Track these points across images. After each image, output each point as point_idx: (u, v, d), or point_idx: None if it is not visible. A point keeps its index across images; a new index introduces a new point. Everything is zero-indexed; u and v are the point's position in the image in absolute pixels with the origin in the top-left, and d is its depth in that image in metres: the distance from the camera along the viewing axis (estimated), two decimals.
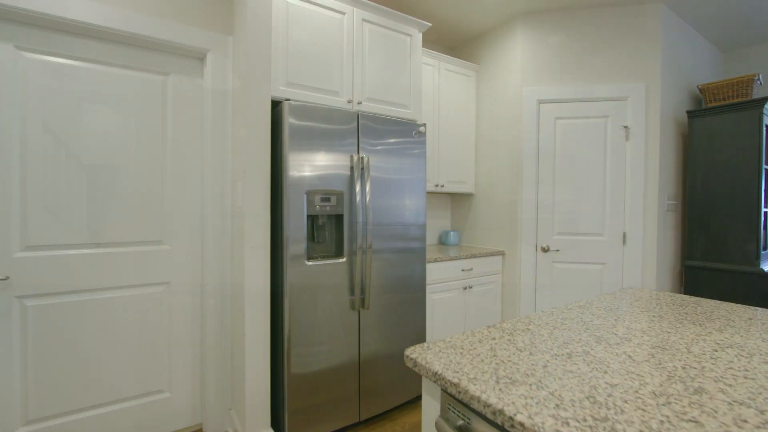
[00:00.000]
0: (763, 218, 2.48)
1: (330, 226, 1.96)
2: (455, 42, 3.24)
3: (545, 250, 2.74)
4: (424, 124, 2.21)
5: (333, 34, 2.02)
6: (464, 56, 3.26)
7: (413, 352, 0.86)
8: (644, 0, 2.55)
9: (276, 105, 1.93)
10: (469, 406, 0.71)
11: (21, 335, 1.59)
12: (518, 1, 2.59)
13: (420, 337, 2.23)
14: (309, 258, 1.86)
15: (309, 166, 1.81)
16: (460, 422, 0.72)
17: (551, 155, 2.73)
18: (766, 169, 2.50)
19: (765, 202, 2.51)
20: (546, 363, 0.80)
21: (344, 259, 1.93)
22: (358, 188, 1.93)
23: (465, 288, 2.64)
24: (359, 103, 2.12)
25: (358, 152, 1.96)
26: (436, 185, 2.86)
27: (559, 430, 0.56)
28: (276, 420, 1.89)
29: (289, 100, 1.88)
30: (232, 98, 1.98)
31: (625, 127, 2.62)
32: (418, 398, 2.24)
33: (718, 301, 1.33)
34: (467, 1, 2.59)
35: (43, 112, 1.63)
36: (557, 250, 2.73)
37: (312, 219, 1.90)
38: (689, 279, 2.69)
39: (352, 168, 1.93)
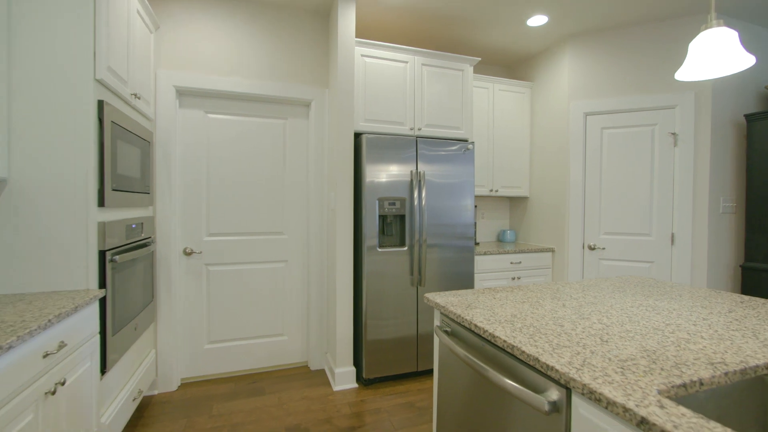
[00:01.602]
0: None
1: (395, 223, 2.63)
2: (511, 62, 3.65)
3: (592, 248, 3.02)
4: (473, 143, 2.74)
5: (399, 79, 2.69)
6: (520, 74, 3.65)
7: (429, 295, 1.46)
8: (693, 11, 2.69)
9: (357, 136, 2.67)
10: (450, 318, 1.30)
11: (207, 288, 2.59)
12: (564, 27, 2.94)
13: None
14: (380, 246, 2.55)
15: (380, 179, 2.50)
16: (447, 329, 1.32)
17: (598, 161, 3.00)
18: None
19: None
20: (503, 303, 1.34)
21: (406, 248, 2.58)
22: (416, 195, 2.57)
23: (513, 278, 3.08)
24: (419, 129, 2.75)
25: (417, 167, 2.59)
26: (490, 190, 3.33)
27: (482, 321, 1.13)
28: (356, 361, 2.63)
29: (366, 133, 2.60)
30: (327, 132, 2.78)
31: (673, 134, 2.77)
32: None
33: (698, 288, 1.64)
34: (517, 33, 3.03)
35: (217, 150, 2.61)
36: (603, 248, 2.99)
37: (382, 218, 2.59)
38: (747, 281, 2.72)
39: (411, 180, 2.58)
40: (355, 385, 2.53)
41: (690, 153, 2.73)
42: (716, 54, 1.09)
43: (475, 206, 3.43)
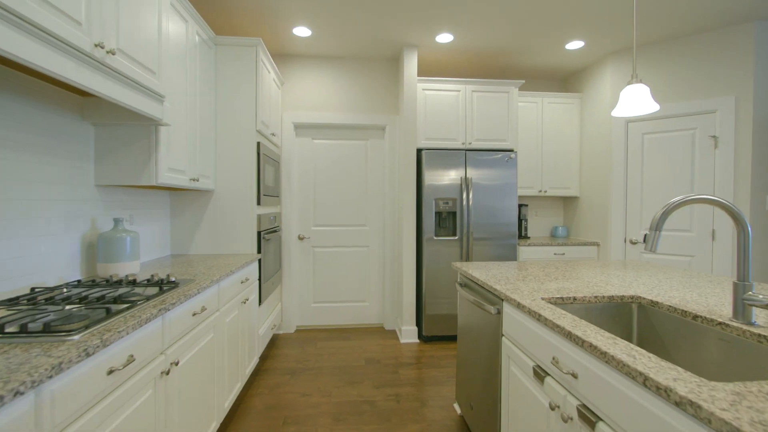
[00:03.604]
0: None
1: (448, 218, 3.36)
2: (563, 76, 4.06)
3: (633, 242, 3.34)
4: (516, 152, 3.32)
5: (452, 105, 3.41)
6: (572, 85, 4.03)
7: (454, 263, 2.20)
8: (734, 21, 2.88)
9: (419, 151, 3.47)
10: (462, 275, 2.03)
11: (313, 265, 3.65)
12: (602, 47, 3.32)
13: None
14: (436, 236, 3.31)
15: (436, 183, 3.26)
16: (461, 282, 2.05)
17: (639, 164, 3.31)
18: None
19: None
20: (499, 269, 2.02)
21: (457, 238, 3.29)
22: (464, 196, 3.26)
23: None
24: (469, 143, 3.43)
25: (465, 174, 3.29)
26: (539, 191, 3.82)
27: (475, 273, 1.85)
28: (418, 323, 3.43)
29: (425, 149, 3.38)
30: (397, 148, 3.63)
31: (714, 137, 2.98)
32: None
33: (683, 269, 2.07)
34: (559, 56, 3.50)
35: (320, 164, 3.65)
36: (645, 243, 3.28)
37: (438, 214, 3.34)
38: None
39: (461, 184, 3.28)
40: (417, 340, 3.33)
41: (730, 154, 2.91)
42: (635, 101, 1.63)
43: (526, 205, 3.94)
